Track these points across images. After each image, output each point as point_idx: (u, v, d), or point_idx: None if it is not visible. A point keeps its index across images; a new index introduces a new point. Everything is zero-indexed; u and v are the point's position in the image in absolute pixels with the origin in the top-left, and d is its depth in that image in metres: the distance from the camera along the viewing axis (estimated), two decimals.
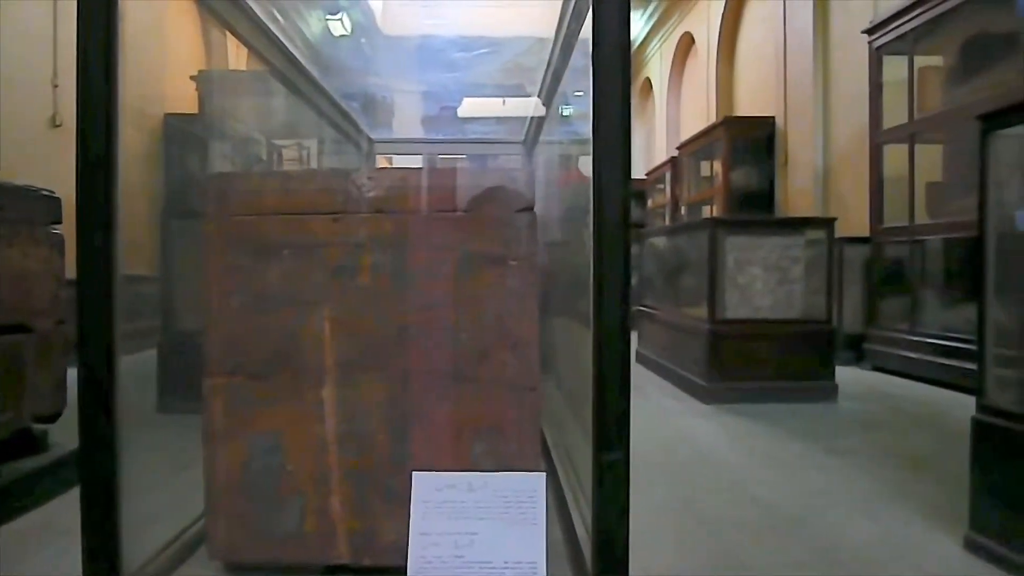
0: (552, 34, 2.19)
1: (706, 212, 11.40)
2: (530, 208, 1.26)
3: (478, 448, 1.29)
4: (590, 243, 1.09)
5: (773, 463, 3.79)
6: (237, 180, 1.36)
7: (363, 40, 4.11)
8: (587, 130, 1.13)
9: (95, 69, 1.13)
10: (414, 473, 1.22)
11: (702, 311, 5.51)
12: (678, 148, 12.91)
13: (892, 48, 6.90)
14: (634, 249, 8.97)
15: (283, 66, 2.81)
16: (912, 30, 6.50)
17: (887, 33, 6.87)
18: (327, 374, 1.29)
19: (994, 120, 2.72)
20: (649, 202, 14.57)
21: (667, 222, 12.77)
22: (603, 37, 1.10)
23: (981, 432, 2.62)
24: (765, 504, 3.12)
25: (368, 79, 3.82)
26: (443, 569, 1.20)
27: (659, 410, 5.19)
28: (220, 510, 1.34)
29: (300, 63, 2.91)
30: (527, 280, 1.27)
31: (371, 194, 1.26)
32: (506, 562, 1.21)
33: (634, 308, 7.77)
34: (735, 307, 5.33)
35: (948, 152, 6.70)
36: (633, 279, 9.59)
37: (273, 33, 2.61)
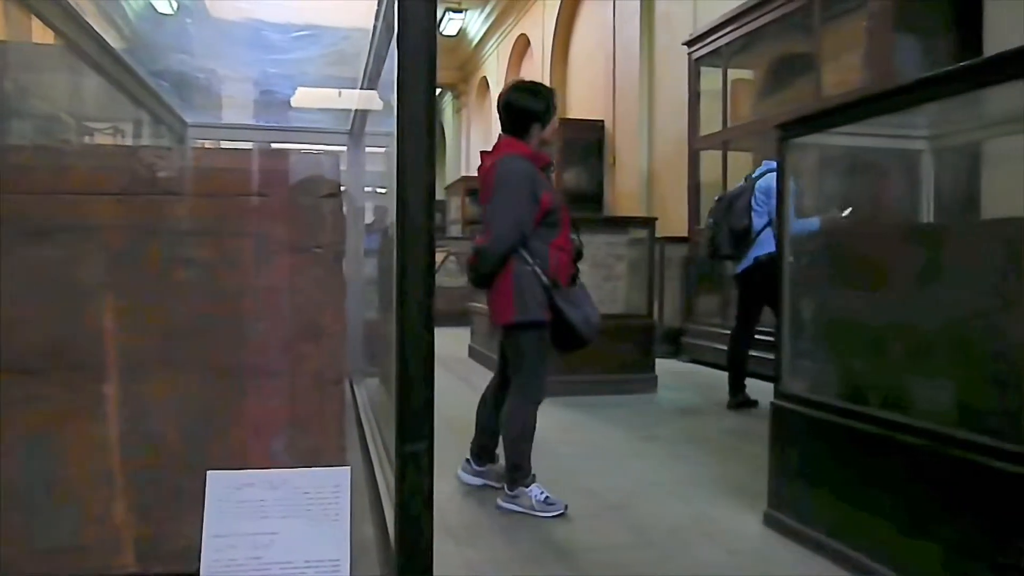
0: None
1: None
2: (336, 194, 1.22)
3: (279, 444, 1.23)
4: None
5: (597, 452, 3.94)
6: (3, 155, 1.22)
7: (188, 20, 3.86)
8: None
9: None
10: (208, 472, 1.14)
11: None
12: None
13: (709, 61, 7.36)
14: (467, 247, 9.01)
15: (87, 42, 2.58)
16: (726, 45, 6.96)
17: (705, 46, 7.31)
18: (109, 369, 1.18)
19: (790, 129, 2.95)
20: None
21: None
22: (408, 22, 1.08)
23: (778, 417, 2.84)
24: (589, 491, 3.23)
25: (190, 60, 3.59)
26: (239, 572, 1.14)
27: None
28: None
29: (104, 40, 2.68)
30: (332, 269, 1.22)
31: (161, 174, 1.17)
32: (307, 561, 1.16)
33: (468, 304, 7.82)
34: None
35: (757, 159, 7.22)
36: (468, 276, 9.65)
37: (72, 8, 2.39)
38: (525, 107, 2.98)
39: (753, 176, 4.83)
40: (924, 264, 2.38)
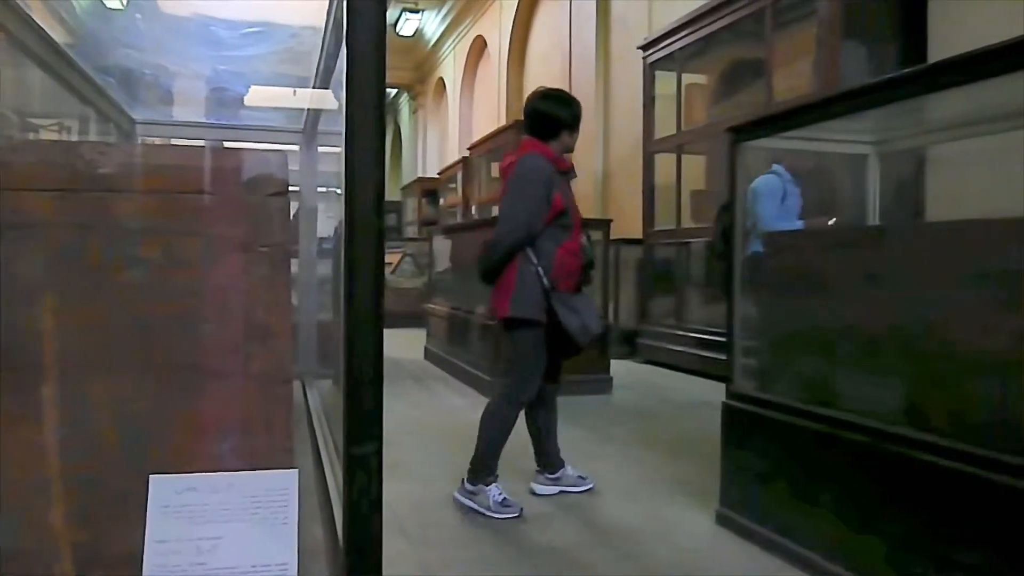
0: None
1: (496, 212, 11.64)
2: (283, 192, 1.20)
3: (225, 446, 1.21)
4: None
5: None
6: None
7: (138, 16, 3.78)
8: None
9: None
10: (151, 476, 1.12)
11: (486, 307, 5.61)
12: (470, 148, 13.11)
13: (663, 65, 7.43)
14: (423, 248, 8.99)
15: (30, 37, 2.50)
16: (680, 50, 7.04)
17: (659, 50, 7.38)
18: (48, 371, 1.15)
19: (741, 132, 3.00)
20: (441, 201, 14.68)
21: (459, 221, 12.91)
22: (357, 21, 1.07)
23: (730, 416, 2.87)
24: (543, 493, 3.24)
25: (140, 57, 3.51)
26: None
27: (444, 406, 5.23)
28: None
29: (47, 34, 2.61)
30: (279, 268, 1.20)
31: (103, 170, 1.14)
32: (254, 565, 1.15)
33: (424, 306, 7.79)
34: None
35: (710, 162, 7.32)
36: (424, 278, 9.62)
37: (14, 1, 2.32)
38: (554, 115, 3.01)
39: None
40: (870, 267, 2.43)
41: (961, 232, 2.23)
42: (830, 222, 4.36)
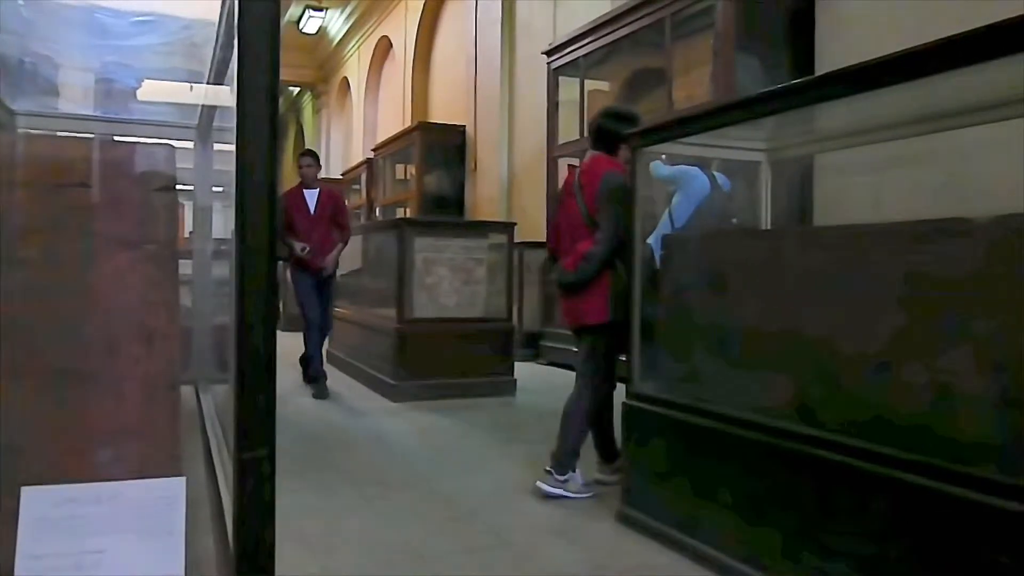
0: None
1: (401, 214, 11.57)
2: (171, 187, 1.15)
3: (109, 454, 1.15)
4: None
5: (455, 456, 3.93)
6: None
7: (21, 2, 3.55)
8: None
9: None
10: (22, 488, 1.05)
11: (391, 311, 5.56)
12: (374, 150, 12.96)
13: (567, 71, 7.53)
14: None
15: None
16: (584, 56, 7.15)
17: (563, 56, 7.48)
18: None
19: (641, 138, 3.07)
20: (345, 202, 14.42)
21: (364, 222, 12.74)
22: (248, 14, 1.03)
23: (630, 416, 2.93)
24: (446, 495, 3.22)
25: (19, 43, 3.30)
26: None
27: (349, 411, 5.15)
28: None
29: None
30: (166, 266, 1.15)
31: None
32: None
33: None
34: (423, 306, 5.45)
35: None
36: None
37: None
38: (615, 131, 3.33)
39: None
40: (761, 267, 2.53)
41: (846, 236, 2.34)
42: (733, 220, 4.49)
